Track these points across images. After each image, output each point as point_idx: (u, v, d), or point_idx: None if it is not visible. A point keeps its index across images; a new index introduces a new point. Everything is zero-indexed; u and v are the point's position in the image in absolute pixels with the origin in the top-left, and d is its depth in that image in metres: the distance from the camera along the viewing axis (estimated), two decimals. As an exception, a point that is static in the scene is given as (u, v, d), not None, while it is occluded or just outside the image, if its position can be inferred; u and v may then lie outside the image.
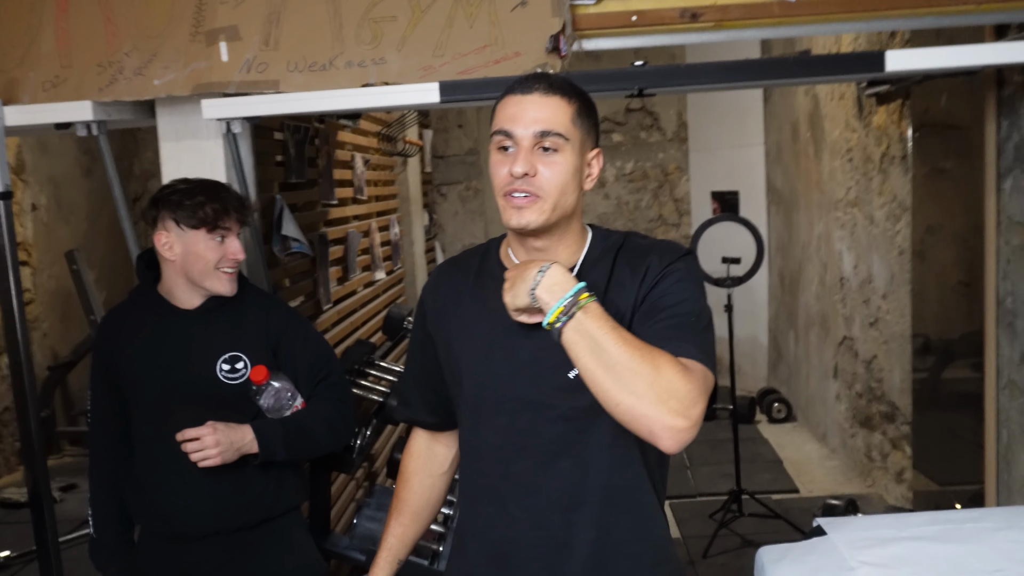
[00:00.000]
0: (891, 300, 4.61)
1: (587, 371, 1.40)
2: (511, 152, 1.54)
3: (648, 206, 8.08)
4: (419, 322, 1.77)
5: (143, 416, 2.27)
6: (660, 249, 1.60)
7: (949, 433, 4.10)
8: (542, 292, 1.44)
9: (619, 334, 1.40)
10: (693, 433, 1.38)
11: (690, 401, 1.37)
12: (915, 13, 2.63)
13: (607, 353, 1.38)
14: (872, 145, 4.73)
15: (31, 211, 6.40)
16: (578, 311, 1.40)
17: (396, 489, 1.88)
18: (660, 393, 1.35)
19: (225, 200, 2.22)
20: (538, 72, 1.61)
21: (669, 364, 1.38)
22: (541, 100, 1.53)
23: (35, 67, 2.65)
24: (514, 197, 1.53)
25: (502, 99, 1.58)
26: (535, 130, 1.52)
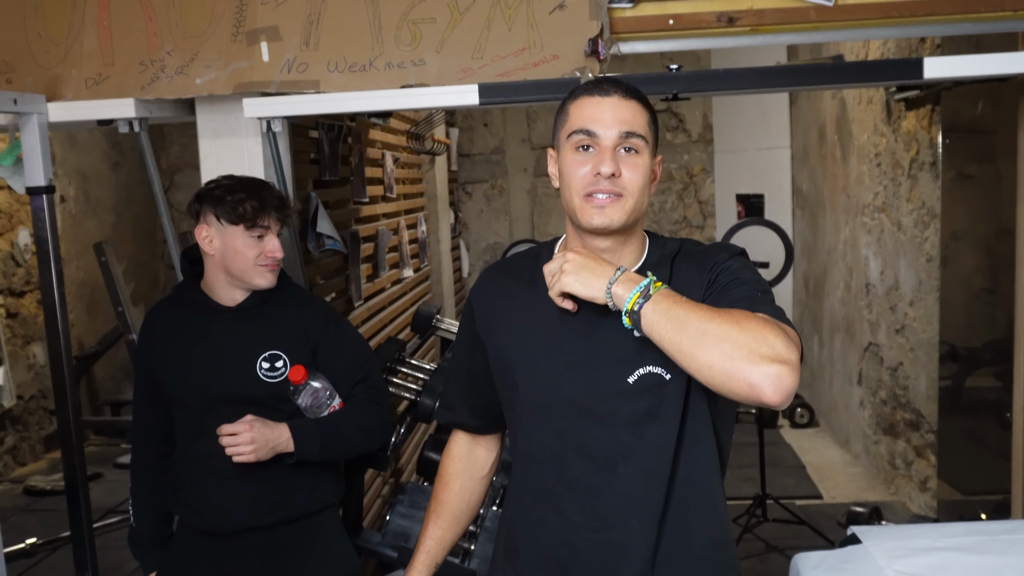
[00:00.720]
0: (918, 307, 4.60)
1: (673, 345, 1.40)
2: (592, 153, 1.56)
3: (673, 208, 8.08)
4: (466, 325, 1.77)
5: (183, 412, 2.30)
6: (716, 248, 1.64)
7: (974, 441, 4.09)
8: (618, 287, 1.45)
9: (694, 304, 1.43)
10: (795, 378, 1.36)
11: (782, 346, 1.36)
12: (951, 19, 2.63)
13: (689, 323, 1.39)
14: (901, 150, 4.72)
15: (60, 203, 6.46)
16: (655, 292, 1.43)
17: (435, 491, 1.88)
18: (749, 344, 1.35)
19: (265, 199, 2.23)
20: (609, 77, 1.63)
21: (751, 318, 1.40)
22: (622, 103, 1.56)
23: (78, 64, 2.69)
24: (597, 197, 1.55)
25: (575, 100, 1.60)
26: (620, 130, 1.55)
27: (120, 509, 4.96)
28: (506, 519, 1.72)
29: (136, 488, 2.42)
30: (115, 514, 4.92)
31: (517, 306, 1.67)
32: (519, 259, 1.76)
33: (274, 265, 2.26)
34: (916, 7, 2.60)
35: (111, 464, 5.96)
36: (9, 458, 6.01)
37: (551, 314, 1.59)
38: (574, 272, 1.49)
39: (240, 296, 2.28)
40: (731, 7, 2.63)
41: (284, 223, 2.29)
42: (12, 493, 5.64)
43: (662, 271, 1.62)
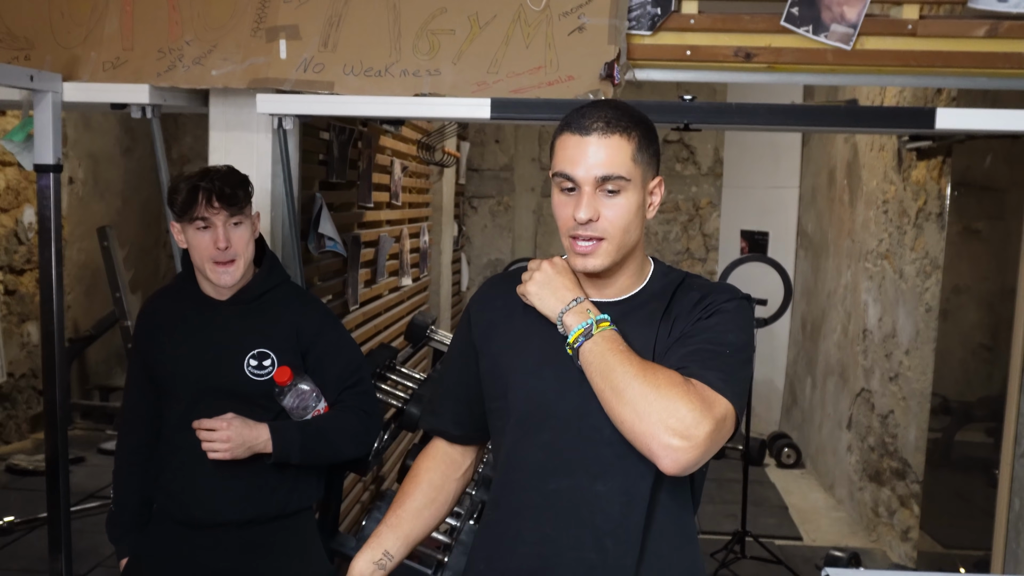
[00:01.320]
0: (914, 356, 4.60)
1: (597, 391, 1.48)
2: (574, 194, 1.55)
3: (676, 238, 8.08)
4: (463, 334, 1.77)
5: (170, 402, 2.29)
6: (719, 289, 1.63)
7: (959, 496, 4.08)
8: (569, 317, 1.54)
9: (628, 356, 1.48)
10: (695, 455, 1.40)
11: (691, 422, 1.40)
12: (968, 72, 2.65)
13: (614, 372, 1.45)
14: (909, 199, 4.73)
15: (68, 184, 6.48)
16: (596, 333, 1.50)
17: (401, 486, 1.84)
18: (659, 413, 1.40)
19: (206, 189, 2.14)
20: (595, 100, 1.61)
21: (673, 385, 1.43)
22: (600, 142, 1.52)
23: (97, 47, 2.70)
24: (578, 244, 1.55)
25: (560, 135, 1.57)
26: (596, 175, 1.52)
27: (100, 494, 4.95)
28: (484, 528, 1.72)
29: (119, 471, 2.41)
30: (95, 499, 4.90)
31: (516, 318, 1.67)
32: (522, 272, 1.76)
33: (225, 261, 2.18)
34: (934, 57, 2.62)
35: (95, 449, 5.95)
36: (-6, 434, 6.00)
37: (548, 328, 1.59)
38: (538, 285, 1.59)
39: (227, 291, 2.27)
40: (749, 43, 2.64)
41: (234, 212, 2.18)
42: (-6, 470, 5.63)
43: (661, 298, 1.62)
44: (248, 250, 2.23)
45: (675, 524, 1.62)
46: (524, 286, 1.61)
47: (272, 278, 2.32)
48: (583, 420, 1.57)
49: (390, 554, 1.73)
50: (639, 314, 1.61)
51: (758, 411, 7.11)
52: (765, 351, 6.79)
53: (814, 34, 2.59)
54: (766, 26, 2.62)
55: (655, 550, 1.59)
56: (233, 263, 2.20)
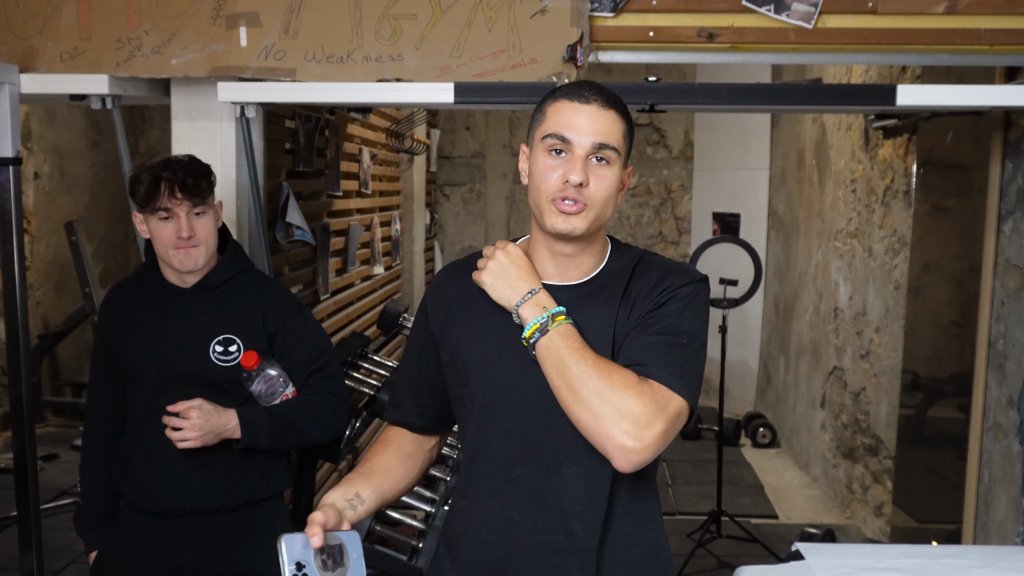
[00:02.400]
0: (884, 334, 4.63)
1: (553, 387, 1.50)
2: (564, 158, 1.55)
3: (649, 222, 8.10)
4: (421, 325, 1.75)
5: (136, 391, 2.28)
6: (677, 271, 1.63)
7: (931, 471, 4.12)
8: (524, 310, 1.54)
9: (584, 354, 1.49)
10: (646, 455, 1.45)
11: (644, 423, 1.44)
12: (928, 49, 2.67)
13: (570, 371, 1.47)
14: (876, 178, 4.76)
15: (33, 179, 6.40)
16: (552, 329, 1.51)
17: (369, 448, 1.80)
18: (613, 413, 1.44)
19: (168, 180, 2.14)
20: (592, 82, 1.62)
21: (628, 386, 1.46)
22: (600, 112, 1.55)
23: (54, 37, 2.67)
24: (563, 203, 1.55)
25: (554, 103, 1.58)
26: (594, 140, 1.54)
27: (74, 491, 4.90)
28: (451, 515, 1.72)
29: (86, 464, 2.40)
30: (69, 495, 4.86)
31: (474, 305, 1.66)
32: (477, 258, 1.75)
33: (188, 247, 2.18)
34: (895, 35, 2.63)
35: (68, 445, 5.90)
36: (-35, 433, 5.94)
37: (507, 314, 1.59)
38: (493, 275, 1.59)
39: (190, 279, 2.26)
40: (712, 23, 2.65)
41: (197, 201, 2.17)
42: (-35, 469, 5.56)
43: (620, 278, 1.63)
44: (211, 238, 2.23)
45: (638, 503, 1.63)
46: (479, 274, 1.60)
47: (235, 265, 2.31)
48: (546, 406, 1.57)
49: (361, 497, 1.61)
50: (598, 297, 1.62)
51: (733, 392, 7.15)
52: (739, 332, 6.82)
53: (776, 13, 2.60)
54: (728, 6, 2.63)
55: (619, 529, 1.60)
56: (196, 247, 2.20)
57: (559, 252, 1.62)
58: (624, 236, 8.06)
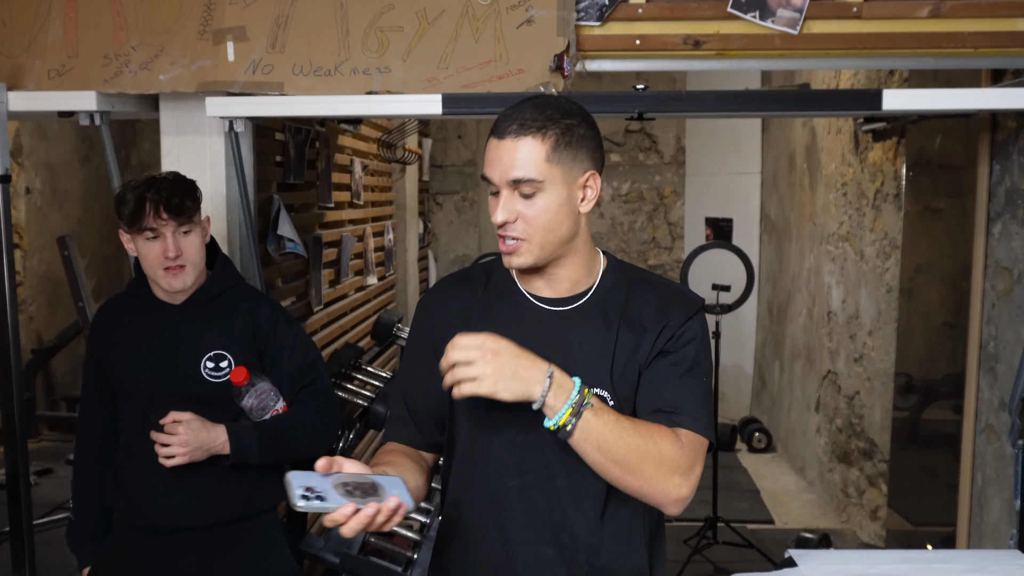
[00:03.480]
0: (877, 337, 4.64)
1: (596, 463, 1.48)
2: (497, 196, 1.57)
3: (642, 228, 8.11)
4: (420, 338, 1.73)
5: (128, 407, 2.28)
6: (679, 300, 1.64)
7: (925, 473, 4.12)
8: (552, 398, 1.44)
9: (621, 426, 1.48)
10: (692, 493, 1.52)
11: (688, 470, 1.50)
12: (914, 53, 2.68)
13: (615, 447, 1.46)
14: (867, 181, 4.77)
15: (25, 195, 6.40)
16: (585, 410, 1.45)
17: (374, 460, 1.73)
18: (664, 473, 1.48)
19: (152, 200, 2.13)
20: (520, 100, 1.60)
21: (668, 445, 1.49)
22: (512, 145, 1.53)
23: (42, 55, 2.67)
24: (504, 243, 1.57)
25: (489, 138, 1.59)
26: (507, 177, 1.54)
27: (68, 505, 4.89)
28: (444, 527, 1.72)
29: (78, 479, 2.40)
30: (63, 510, 4.84)
31: (472, 318, 1.67)
32: (472, 272, 1.76)
33: (176, 268, 2.17)
34: (880, 39, 2.64)
35: (63, 460, 5.88)
36: (-41, 450, 5.92)
37: (502, 326, 1.59)
38: (494, 378, 1.42)
39: (180, 296, 2.26)
40: (698, 31, 2.65)
41: (183, 221, 2.16)
42: (-40, 485, 5.55)
43: (618, 293, 1.64)
44: (199, 256, 2.22)
45: (629, 517, 1.64)
46: (471, 385, 1.42)
47: (225, 280, 2.31)
48: (539, 419, 1.57)
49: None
50: (595, 315, 1.63)
51: (728, 396, 7.16)
52: (733, 336, 6.83)
53: (761, 19, 2.61)
54: (714, 13, 2.63)
55: (610, 544, 1.62)
56: (183, 268, 2.18)
57: (535, 276, 1.65)
58: (617, 242, 8.07)
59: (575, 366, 1.56)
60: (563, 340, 1.61)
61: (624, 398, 1.59)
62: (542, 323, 1.63)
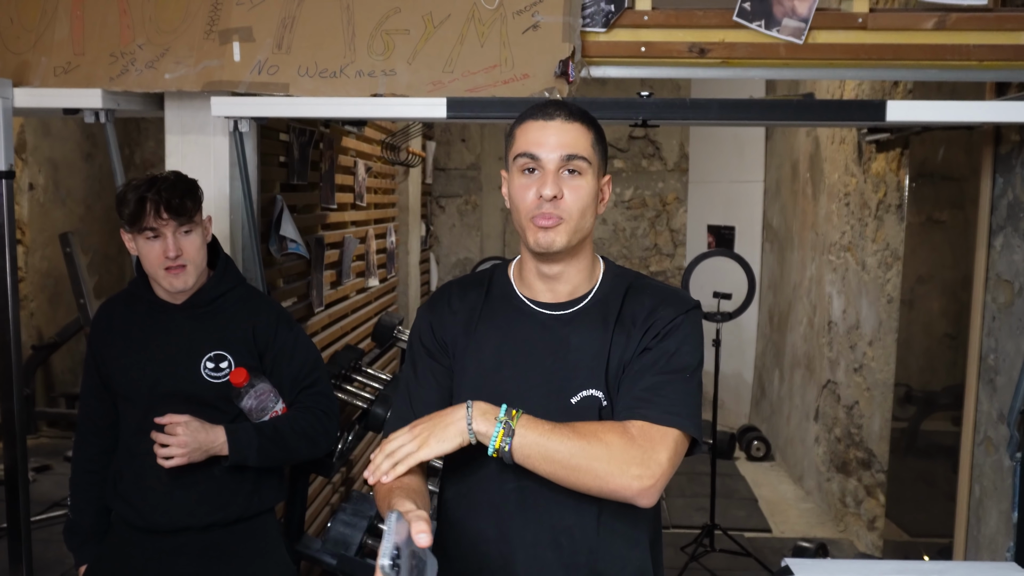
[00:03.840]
0: (877, 347, 4.64)
1: (549, 474, 1.49)
2: (536, 176, 1.59)
3: (644, 234, 8.11)
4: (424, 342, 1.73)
5: (127, 408, 2.28)
6: (671, 299, 1.65)
7: (924, 484, 4.12)
8: (478, 425, 1.49)
9: (559, 432, 1.48)
10: (661, 484, 1.50)
11: (646, 459, 1.49)
12: (918, 65, 2.68)
13: (558, 453, 1.47)
14: (869, 191, 4.77)
15: (28, 191, 6.41)
16: (516, 426, 1.48)
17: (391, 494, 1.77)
18: (618, 467, 1.47)
19: (153, 200, 2.13)
20: (555, 99, 1.66)
21: (615, 438, 1.49)
22: (564, 125, 1.59)
23: (48, 52, 2.68)
24: (540, 220, 1.58)
25: (521, 124, 1.63)
26: (561, 153, 1.58)
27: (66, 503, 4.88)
28: (442, 530, 1.72)
29: (76, 479, 2.40)
30: (61, 507, 4.85)
31: (476, 323, 1.69)
32: (473, 279, 1.78)
33: (177, 268, 2.17)
34: (885, 50, 2.65)
35: (61, 457, 5.89)
36: (-42, 445, 5.92)
37: (504, 330, 1.63)
38: (425, 437, 1.49)
39: (181, 296, 2.26)
40: (703, 39, 2.66)
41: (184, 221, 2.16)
42: (-42, 481, 5.55)
43: (614, 298, 1.66)
44: (200, 256, 2.22)
45: (628, 524, 1.65)
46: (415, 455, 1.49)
47: (226, 281, 2.31)
48: None
49: None
50: (592, 319, 1.65)
51: (727, 404, 7.15)
52: (733, 344, 6.83)
53: (766, 29, 2.61)
54: (719, 21, 2.64)
55: (609, 547, 1.62)
56: (184, 268, 2.18)
57: (546, 273, 1.66)
58: (619, 248, 8.07)
59: (572, 370, 1.61)
60: (561, 344, 1.63)
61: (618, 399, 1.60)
62: (541, 328, 1.65)
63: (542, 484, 1.59)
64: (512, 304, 1.69)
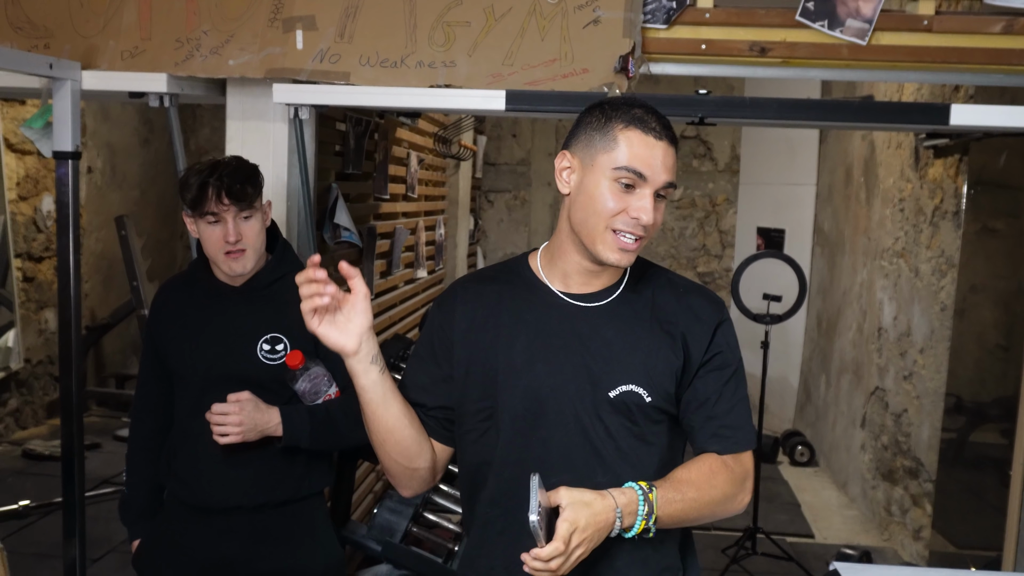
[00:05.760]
0: (928, 355, 4.58)
1: (679, 524, 1.61)
2: (633, 192, 1.56)
3: (693, 235, 8.07)
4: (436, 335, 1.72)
5: (183, 388, 2.32)
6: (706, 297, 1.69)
7: (972, 496, 4.07)
8: (627, 520, 1.52)
9: (684, 495, 1.56)
10: (751, 493, 1.68)
11: (745, 485, 1.65)
12: (984, 69, 2.64)
13: (688, 514, 1.58)
14: (925, 197, 4.71)
15: (86, 174, 6.53)
16: (656, 510, 1.53)
17: None
18: (728, 502, 1.63)
19: (215, 186, 2.16)
20: (655, 111, 1.60)
21: (724, 481, 1.61)
22: (669, 149, 1.57)
23: (116, 36, 2.73)
24: (624, 240, 1.57)
25: (627, 128, 1.56)
26: (666, 180, 1.57)
27: (115, 480, 4.98)
28: (484, 525, 1.71)
29: (132, 457, 2.44)
30: (110, 484, 4.94)
31: (498, 317, 1.67)
32: (493, 272, 1.76)
33: (236, 252, 2.21)
34: (950, 54, 2.61)
35: (111, 436, 6.00)
36: (11, 420, 6.05)
37: (533, 325, 1.62)
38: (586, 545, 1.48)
39: (240, 279, 2.29)
40: (764, 37, 2.65)
41: (244, 206, 2.19)
42: (11, 455, 5.67)
43: (645, 290, 1.68)
44: (259, 240, 2.25)
45: None
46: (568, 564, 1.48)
47: (284, 265, 2.33)
48: (578, 416, 1.60)
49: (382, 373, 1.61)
50: (624, 311, 1.65)
51: (772, 408, 7.09)
52: (780, 348, 6.77)
53: (829, 29, 2.59)
54: (781, 20, 2.62)
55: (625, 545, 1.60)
56: (243, 252, 2.22)
57: (589, 269, 1.65)
58: (667, 248, 8.03)
59: (608, 363, 1.61)
60: (594, 337, 1.63)
61: (661, 397, 1.62)
62: (572, 320, 1.64)
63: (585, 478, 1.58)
64: (539, 296, 1.67)
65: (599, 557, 1.59)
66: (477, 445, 1.70)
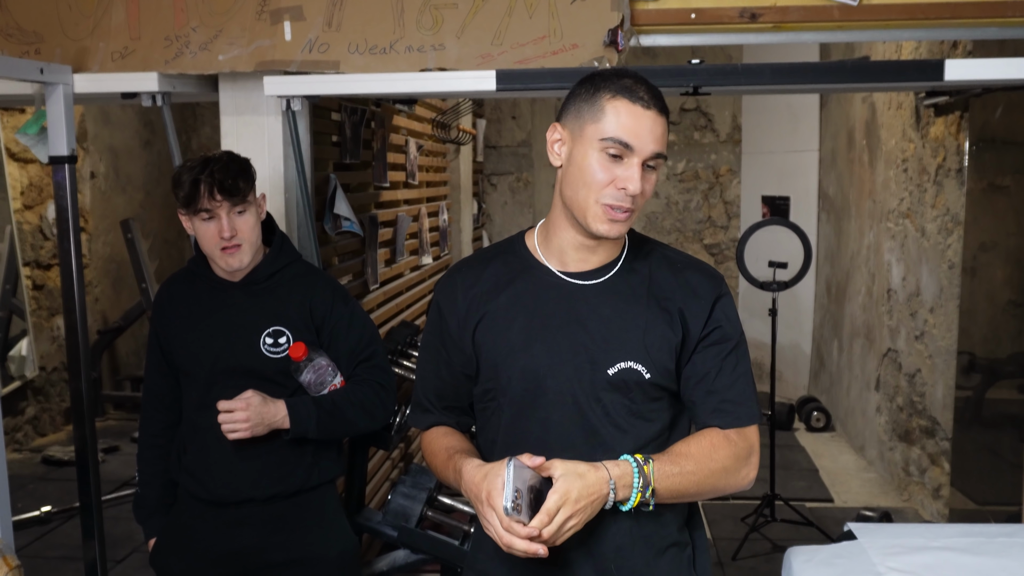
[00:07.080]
0: (938, 314, 4.56)
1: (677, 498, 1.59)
2: (621, 163, 1.55)
3: (698, 207, 8.05)
4: (437, 327, 1.73)
5: (189, 383, 2.33)
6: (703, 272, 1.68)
7: (989, 452, 4.06)
8: (621, 493, 1.52)
9: (682, 468, 1.56)
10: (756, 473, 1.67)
11: (750, 460, 1.64)
12: (977, 23, 2.62)
13: (688, 487, 1.57)
14: (928, 156, 4.68)
15: (90, 179, 6.54)
16: (653, 482, 1.53)
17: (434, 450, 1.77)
18: (733, 476, 1.61)
19: (206, 182, 2.16)
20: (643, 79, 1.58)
21: (726, 455, 1.60)
22: (658, 119, 1.56)
23: (105, 37, 2.73)
24: (614, 211, 1.56)
25: (614, 99, 1.55)
26: (654, 150, 1.55)
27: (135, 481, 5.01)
28: None
29: (143, 453, 2.46)
30: (130, 486, 4.97)
31: (494, 299, 1.67)
32: (490, 253, 1.75)
33: (232, 247, 2.21)
34: (942, 9, 2.59)
35: (128, 438, 6.03)
36: (30, 428, 6.09)
37: (530, 306, 1.62)
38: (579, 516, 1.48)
39: (239, 273, 2.29)
40: (754, 3, 2.63)
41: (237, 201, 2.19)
42: (31, 462, 5.72)
43: (641, 264, 1.67)
44: (254, 234, 2.25)
45: None
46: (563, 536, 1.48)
47: (282, 258, 2.34)
48: (577, 395, 1.60)
49: None
50: (622, 289, 1.65)
51: (785, 375, 7.08)
52: (790, 315, 6.76)
53: (819, -10, 2.57)
54: (770, -15, 2.60)
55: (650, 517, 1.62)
56: (239, 247, 2.22)
57: (587, 244, 1.64)
58: (672, 222, 8.01)
59: (606, 341, 1.60)
60: (592, 315, 1.62)
61: (660, 373, 1.61)
62: (569, 298, 1.64)
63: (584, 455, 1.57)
64: (536, 275, 1.67)
65: (602, 535, 1.61)
66: (487, 426, 1.72)
